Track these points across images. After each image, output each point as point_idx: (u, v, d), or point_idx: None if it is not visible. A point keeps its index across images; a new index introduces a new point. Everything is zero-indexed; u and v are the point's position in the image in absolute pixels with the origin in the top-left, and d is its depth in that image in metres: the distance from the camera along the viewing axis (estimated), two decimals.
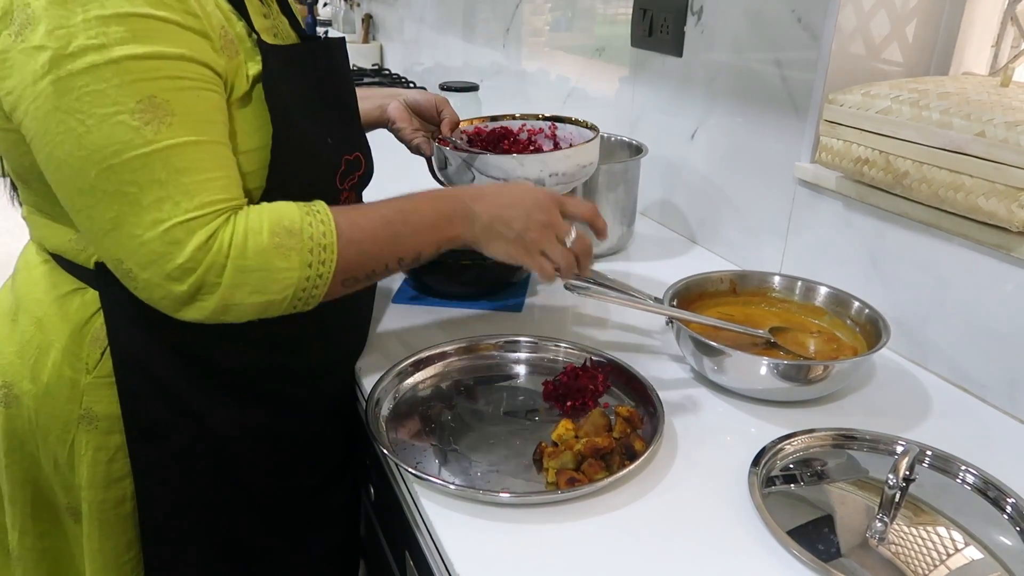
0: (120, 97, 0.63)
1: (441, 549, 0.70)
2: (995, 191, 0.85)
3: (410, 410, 0.89)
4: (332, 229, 0.72)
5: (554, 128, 1.14)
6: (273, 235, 0.69)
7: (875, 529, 0.71)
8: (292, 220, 0.70)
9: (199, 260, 0.66)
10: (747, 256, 1.30)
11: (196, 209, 0.66)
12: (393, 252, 0.77)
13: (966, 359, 0.96)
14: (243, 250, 0.68)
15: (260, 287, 0.69)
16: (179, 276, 0.66)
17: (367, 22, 3.25)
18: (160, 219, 0.65)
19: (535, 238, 0.82)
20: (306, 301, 0.72)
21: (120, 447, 0.81)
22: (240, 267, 0.68)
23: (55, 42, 0.62)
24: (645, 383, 0.89)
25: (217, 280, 0.67)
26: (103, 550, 0.84)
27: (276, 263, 0.69)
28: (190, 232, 0.66)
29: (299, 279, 0.70)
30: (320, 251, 0.71)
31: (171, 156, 0.65)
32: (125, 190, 0.65)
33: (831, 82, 1.09)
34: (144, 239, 0.65)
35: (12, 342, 0.82)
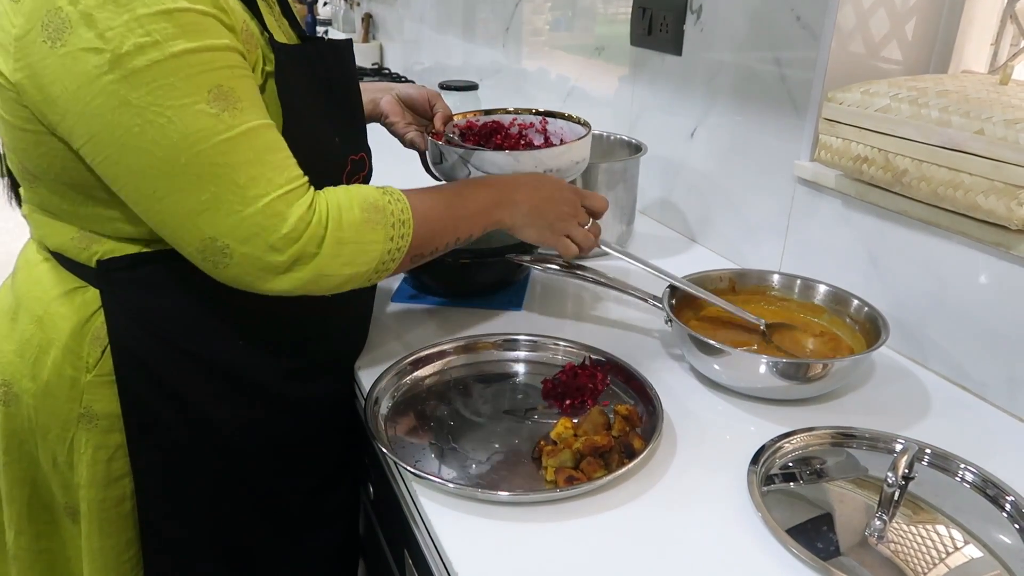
0: (190, 89, 0.66)
1: (440, 548, 0.70)
2: (994, 189, 0.85)
3: (409, 409, 0.89)
4: (408, 207, 0.78)
5: (544, 123, 1.14)
6: (363, 210, 0.75)
7: (874, 527, 0.71)
8: (376, 198, 0.76)
9: (301, 231, 0.70)
10: (746, 254, 1.30)
11: (287, 183, 0.70)
12: (454, 232, 0.85)
13: (965, 357, 0.96)
14: (339, 223, 0.73)
15: (352, 259, 0.74)
16: (282, 247, 0.70)
17: (367, 21, 3.25)
18: (259, 194, 0.68)
19: (563, 226, 0.93)
20: (380, 273, 0.78)
21: (120, 446, 0.81)
22: (338, 239, 0.72)
23: (107, 43, 0.64)
24: (644, 381, 0.89)
25: (316, 250, 0.71)
26: (102, 549, 0.84)
27: (367, 235, 0.75)
28: (289, 204, 0.70)
29: (383, 252, 0.76)
30: (400, 226, 0.77)
31: (252, 138, 0.69)
32: (218, 171, 0.67)
33: (830, 80, 1.09)
34: (245, 214, 0.68)
35: (12, 340, 0.82)
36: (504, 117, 1.14)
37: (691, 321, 1.02)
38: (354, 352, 0.98)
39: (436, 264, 1.10)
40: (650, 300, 1.03)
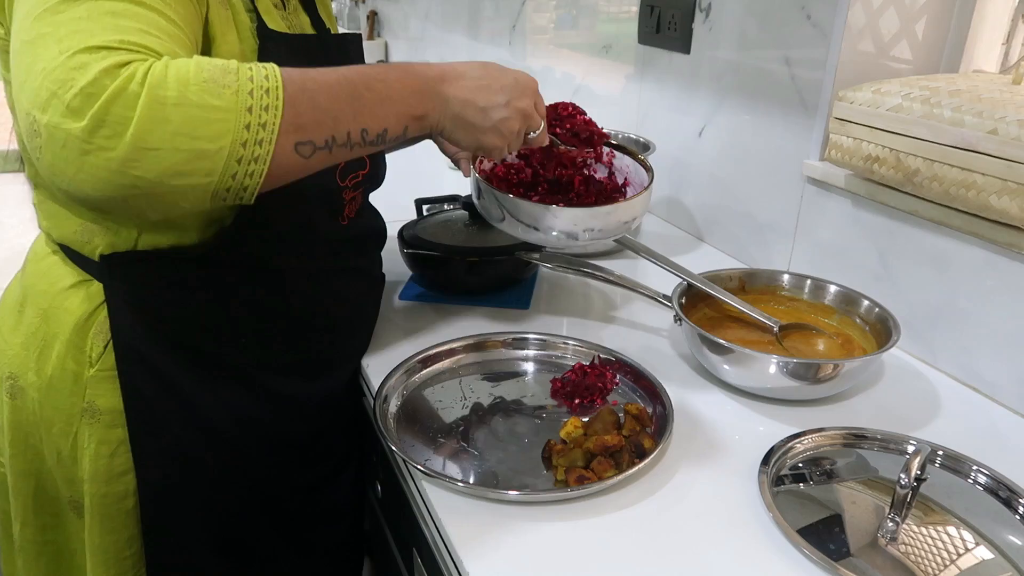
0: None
1: (450, 547, 0.70)
2: (1007, 189, 0.85)
3: (418, 407, 0.89)
4: (276, 73, 0.60)
5: (612, 156, 1.04)
6: (201, 70, 0.57)
7: (886, 529, 0.71)
8: (227, 62, 0.59)
9: (104, 85, 0.54)
10: (755, 254, 1.29)
11: (114, 42, 0.56)
12: (355, 118, 0.65)
13: (976, 358, 0.96)
14: (162, 79, 0.55)
15: (187, 128, 0.55)
16: (78, 107, 0.53)
17: (372, 19, 3.25)
18: (69, 48, 0.55)
19: (514, 129, 0.76)
20: (247, 169, 0.58)
21: (122, 441, 0.80)
22: (159, 98, 0.55)
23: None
24: (654, 381, 0.89)
25: (128, 114, 0.54)
26: (104, 545, 0.83)
27: (205, 99, 0.56)
28: (99, 58, 0.54)
29: (236, 125, 0.57)
30: (263, 94, 0.58)
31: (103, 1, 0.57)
32: (44, 31, 0.56)
33: (840, 80, 1.08)
34: (48, 69, 0.55)
35: (18, 333, 0.82)
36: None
37: (700, 320, 1.01)
38: (359, 351, 0.98)
39: (443, 262, 1.11)
40: (659, 299, 1.02)
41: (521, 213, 0.89)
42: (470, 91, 0.75)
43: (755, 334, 0.99)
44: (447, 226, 1.20)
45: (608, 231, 0.92)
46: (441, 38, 2.59)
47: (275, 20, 0.79)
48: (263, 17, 0.75)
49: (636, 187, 1.02)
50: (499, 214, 0.92)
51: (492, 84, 0.76)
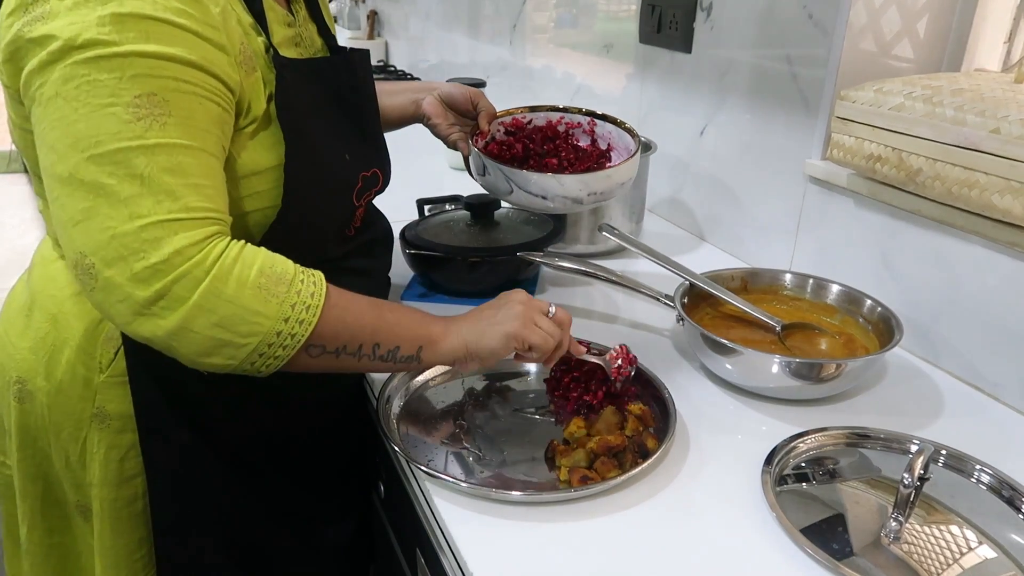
0: (118, 89, 0.62)
1: (454, 547, 0.70)
2: (1010, 188, 0.85)
3: (421, 408, 0.89)
4: (322, 293, 0.68)
5: (593, 124, 1.11)
6: (261, 274, 0.65)
7: (889, 528, 0.71)
8: (286, 269, 0.67)
9: (175, 265, 0.61)
10: (757, 254, 1.29)
11: (181, 211, 0.62)
12: (372, 334, 0.73)
13: (979, 358, 0.96)
14: (226, 275, 0.63)
15: (225, 321, 0.63)
16: (146, 278, 0.61)
17: (372, 18, 3.25)
18: (139, 214, 0.61)
19: (522, 310, 0.79)
20: (267, 362, 0.67)
21: (132, 446, 0.81)
22: (215, 291, 0.63)
23: (66, 32, 0.62)
24: (657, 381, 0.89)
25: (186, 295, 0.62)
26: (115, 548, 0.84)
27: (253, 304, 0.64)
28: (172, 232, 0.62)
29: (269, 331, 0.65)
30: (303, 310, 0.67)
31: (158, 154, 0.62)
32: (102, 180, 0.61)
33: (842, 78, 1.08)
34: (117, 232, 0.61)
35: (27, 338, 0.83)
36: (552, 115, 1.12)
37: (702, 320, 1.01)
38: None
39: (447, 262, 1.11)
40: (662, 299, 1.02)
41: (529, 184, 0.96)
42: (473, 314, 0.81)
43: (758, 334, 0.99)
44: (449, 226, 1.20)
45: (608, 193, 0.99)
46: (441, 37, 2.59)
47: (288, 46, 0.80)
48: (277, 48, 0.76)
49: (620, 151, 1.09)
50: (507, 187, 0.98)
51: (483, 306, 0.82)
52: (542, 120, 1.12)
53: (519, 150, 1.06)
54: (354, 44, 1.01)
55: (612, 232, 1.08)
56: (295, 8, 0.84)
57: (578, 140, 1.12)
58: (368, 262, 0.96)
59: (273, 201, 0.75)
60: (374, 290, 1.00)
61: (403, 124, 1.09)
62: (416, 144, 1.25)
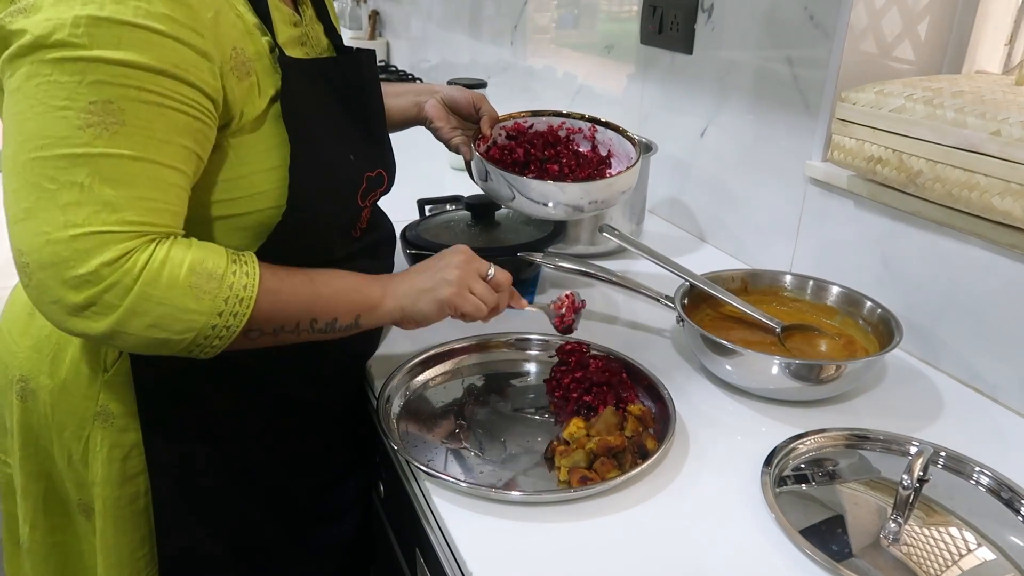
0: (75, 93, 0.61)
1: (453, 546, 0.70)
2: (1010, 190, 0.85)
3: (421, 407, 0.89)
4: (255, 283, 0.69)
5: (594, 130, 1.11)
6: (192, 273, 0.66)
7: (888, 530, 0.71)
8: (216, 264, 0.67)
9: (103, 276, 0.62)
10: (757, 255, 1.29)
11: (115, 224, 0.63)
12: (308, 310, 0.75)
13: (978, 359, 0.96)
14: (155, 279, 0.64)
15: (159, 322, 0.65)
16: (76, 285, 0.62)
17: (374, 18, 3.25)
18: (73, 223, 0.62)
19: (459, 277, 0.82)
20: (204, 349, 0.69)
21: (135, 445, 0.81)
22: (146, 295, 0.64)
23: (39, 29, 0.61)
24: (656, 382, 0.89)
25: (117, 302, 0.63)
26: (117, 546, 0.84)
27: (186, 302, 0.65)
28: (102, 245, 0.62)
29: (204, 325, 0.67)
30: (236, 303, 0.68)
31: (101, 165, 0.62)
32: (43, 184, 0.62)
33: (842, 80, 1.09)
34: (51, 237, 0.62)
35: (29, 336, 0.83)
36: (553, 120, 1.12)
37: (702, 321, 1.01)
38: (366, 354, 0.98)
39: None
40: (662, 299, 1.02)
41: (531, 191, 0.97)
42: (412, 272, 0.84)
43: (757, 335, 0.99)
44: (449, 226, 1.20)
45: (609, 201, 1.00)
46: (442, 38, 2.59)
47: (294, 46, 0.80)
48: (282, 47, 0.76)
49: (620, 158, 1.09)
50: (509, 193, 0.98)
51: (425, 263, 0.85)
52: (543, 125, 1.12)
53: (520, 155, 1.07)
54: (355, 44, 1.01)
55: (613, 233, 1.08)
56: (302, 8, 0.84)
57: (579, 145, 1.12)
58: (373, 263, 0.96)
59: (277, 201, 0.75)
60: None
61: (405, 126, 1.09)
62: (417, 144, 1.25)
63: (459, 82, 1.77)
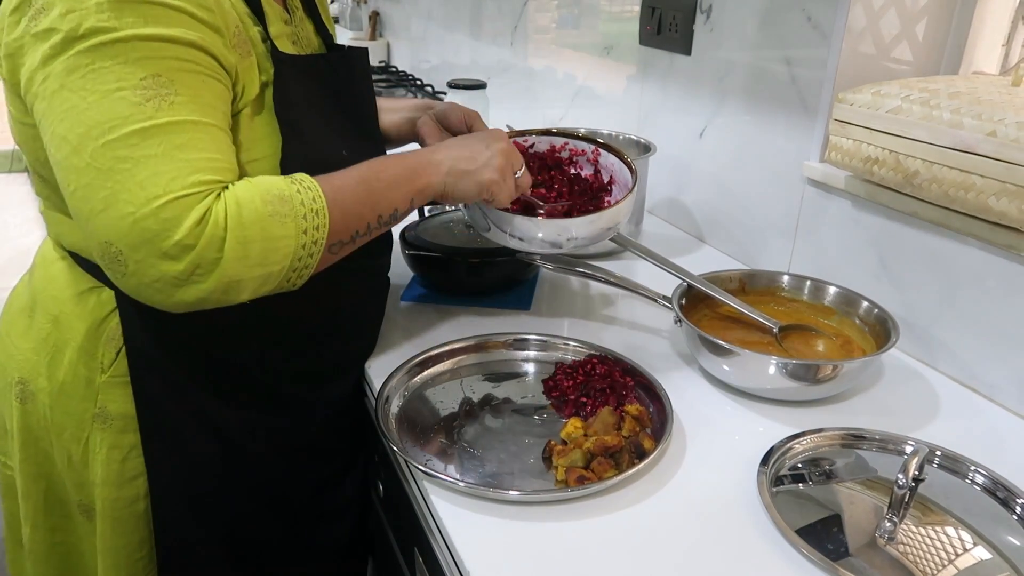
0: (124, 73, 0.63)
1: (451, 546, 0.71)
2: (1006, 191, 0.85)
3: (419, 407, 0.89)
4: (320, 195, 0.71)
5: (597, 154, 1.07)
6: (266, 203, 0.67)
7: (884, 529, 0.71)
8: (281, 189, 0.69)
9: (198, 235, 0.63)
10: (755, 255, 1.30)
11: (193, 186, 0.64)
12: (373, 210, 0.77)
13: (975, 359, 0.96)
14: (240, 221, 0.65)
15: (261, 259, 0.67)
16: (176, 254, 0.63)
17: (374, 19, 3.25)
18: (155, 195, 0.62)
19: (501, 164, 0.85)
20: (300, 272, 0.71)
21: (134, 446, 0.81)
22: (241, 238, 0.65)
23: (66, 24, 0.62)
24: (654, 382, 0.90)
25: (217, 256, 0.64)
26: (116, 547, 0.84)
27: (275, 231, 0.67)
28: (187, 208, 0.63)
29: (296, 247, 0.69)
30: (313, 216, 0.70)
31: (170, 132, 0.64)
32: (119, 167, 0.62)
33: (840, 81, 1.09)
34: (137, 216, 0.62)
35: (29, 338, 0.83)
36: (556, 140, 1.09)
37: (700, 321, 1.02)
38: (365, 354, 0.98)
39: (445, 263, 1.11)
40: (659, 300, 1.03)
41: (504, 224, 0.92)
42: (455, 148, 0.85)
43: (755, 335, 0.99)
44: (448, 227, 1.20)
45: (591, 238, 0.95)
46: (443, 38, 2.60)
47: (285, 42, 0.81)
48: (275, 42, 0.77)
49: (621, 185, 1.05)
50: (485, 224, 0.95)
51: (469, 140, 0.86)
52: (545, 144, 1.09)
53: None
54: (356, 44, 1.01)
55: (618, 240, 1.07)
56: (291, 6, 0.85)
57: (581, 168, 1.08)
58: (369, 261, 0.97)
59: None
60: (376, 289, 1.01)
61: (401, 143, 1.08)
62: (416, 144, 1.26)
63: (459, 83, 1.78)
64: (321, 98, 0.82)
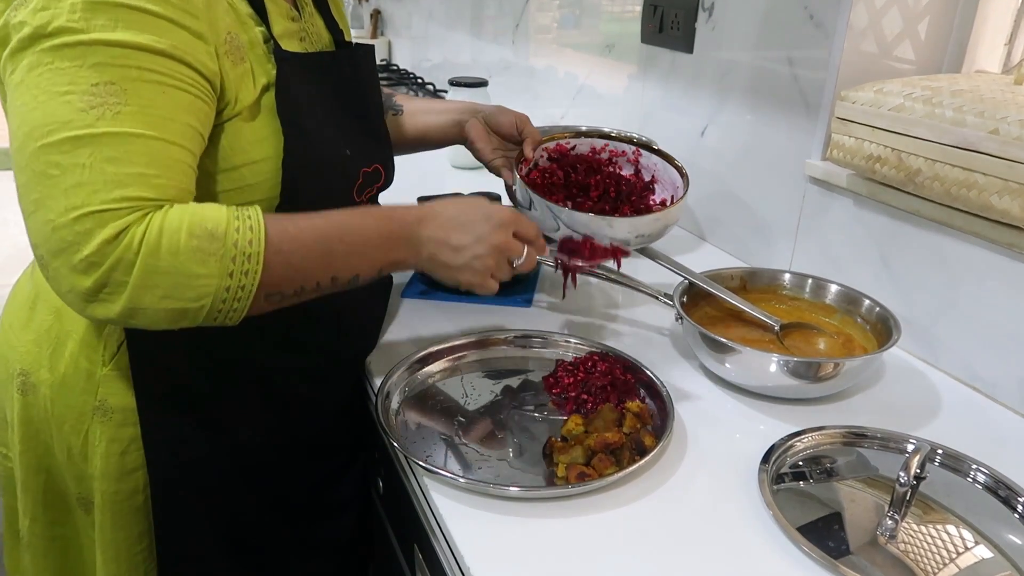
0: (77, 77, 0.62)
1: (451, 542, 0.70)
2: (1008, 189, 0.85)
3: (420, 404, 0.89)
4: (261, 237, 0.66)
5: (638, 154, 1.08)
6: (191, 236, 0.64)
7: (885, 527, 0.71)
8: (216, 223, 0.65)
9: (106, 254, 0.61)
10: (756, 254, 1.30)
11: (114, 202, 0.62)
12: (326, 270, 0.72)
13: (977, 358, 0.96)
14: (155, 249, 0.62)
15: (172, 292, 0.64)
16: (84, 269, 0.62)
17: (375, 18, 3.25)
18: (74, 205, 0.61)
19: (489, 264, 0.79)
20: (227, 314, 0.67)
21: (134, 439, 0.81)
22: (151, 267, 0.62)
23: (37, 20, 0.62)
24: (655, 379, 0.89)
25: (124, 279, 0.62)
26: (115, 541, 0.84)
27: (192, 268, 0.64)
28: (101, 223, 0.61)
29: (217, 288, 0.65)
30: (244, 260, 0.65)
31: (103, 144, 0.62)
32: (49, 171, 0.62)
33: (842, 80, 1.09)
34: (56, 224, 0.61)
35: (30, 330, 0.83)
36: (597, 142, 1.09)
37: (702, 320, 1.02)
38: (366, 350, 0.98)
39: None
40: (661, 297, 1.03)
41: (576, 224, 0.93)
42: (443, 230, 0.78)
43: (756, 333, 0.99)
44: None
45: (654, 236, 0.97)
46: (444, 37, 2.60)
47: (291, 40, 0.80)
48: (279, 41, 0.76)
49: (664, 184, 1.06)
50: (553, 224, 0.94)
51: (465, 222, 0.79)
52: (585, 146, 1.09)
53: (560, 177, 1.03)
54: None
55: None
56: (301, 3, 0.84)
57: (621, 168, 1.09)
58: None
59: (268, 193, 0.76)
60: (378, 288, 1.01)
61: (444, 144, 1.08)
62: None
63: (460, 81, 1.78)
64: (324, 96, 0.82)
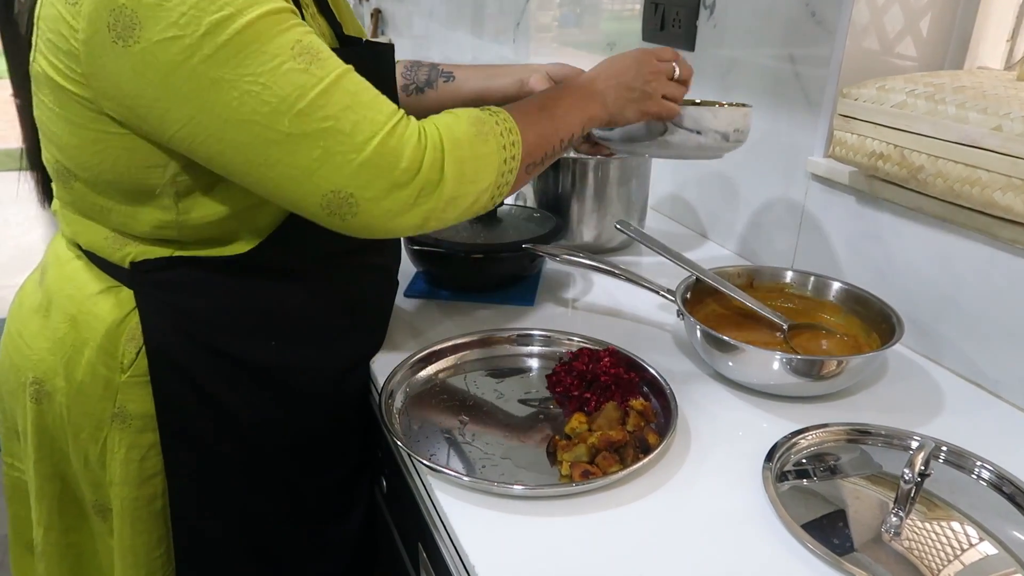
0: (275, 50, 0.65)
1: (455, 541, 0.70)
2: (1011, 185, 0.85)
3: (423, 402, 0.89)
4: (509, 117, 0.77)
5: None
6: (471, 124, 0.73)
7: (890, 524, 0.71)
8: (468, 112, 0.75)
9: (420, 159, 0.69)
10: (758, 251, 1.30)
11: (388, 119, 0.69)
12: (555, 133, 0.82)
13: (980, 355, 0.96)
14: (455, 141, 0.72)
15: (474, 175, 0.73)
16: (405, 181, 0.69)
17: (376, 17, 3.25)
18: (367, 138, 0.67)
19: (656, 87, 0.90)
20: (501, 189, 0.76)
21: (153, 445, 0.81)
22: (458, 157, 0.71)
23: (183, 29, 0.63)
24: (658, 377, 0.89)
25: (439, 176, 0.71)
26: (134, 547, 0.84)
27: (481, 149, 0.73)
28: (399, 138, 0.69)
29: (499, 163, 0.75)
30: (507, 133, 0.76)
31: (343, 85, 0.68)
32: (323, 125, 0.66)
33: (844, 77, 1.09)
34: (360, 160, 0.67)
35: (44, 338, 0.82)
36: None
37: (707, 317, 1.01)
38: (375, 348, 0.98)
39: (448, 259, 1.11)
40: (663, 294, 1.03)
41: (684, 119, 0.96)
42: (613, 79, 0.89)
43: (761, 331, 0.99)
44: None
45: (743, 134, 1.00)
46: (445, 36, 2.60)
47: None
48: None
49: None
50: (660, 126, 0.97)
51: (622, 68, 0.90)
52: None
53: None
54: None
55: (628, 228, 1.08)
56: (303, 3, 0.84)
57: None
58: (382, 259, 0.97)
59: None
60: (386, 289, 1.01)
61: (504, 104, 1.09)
62: None
63: None
64: None
